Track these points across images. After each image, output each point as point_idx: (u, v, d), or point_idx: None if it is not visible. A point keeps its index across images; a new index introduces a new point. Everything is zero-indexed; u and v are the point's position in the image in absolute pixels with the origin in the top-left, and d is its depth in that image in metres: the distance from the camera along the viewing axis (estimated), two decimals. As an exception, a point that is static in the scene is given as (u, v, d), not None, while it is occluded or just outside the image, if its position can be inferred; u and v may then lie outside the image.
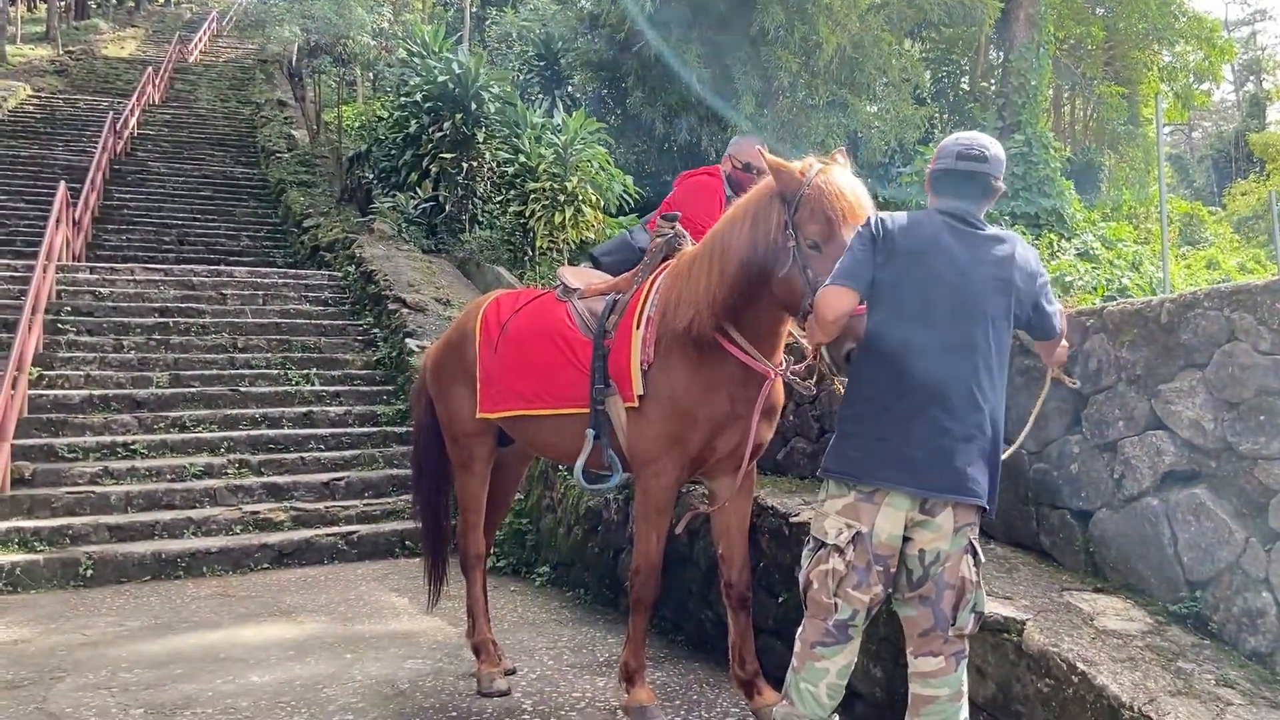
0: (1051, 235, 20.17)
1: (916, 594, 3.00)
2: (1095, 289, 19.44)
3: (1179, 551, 3.42)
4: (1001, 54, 24.91)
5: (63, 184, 12.45)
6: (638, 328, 4.00)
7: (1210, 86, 27.01)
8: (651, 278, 4.21)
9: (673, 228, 4.29)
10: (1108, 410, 3.72)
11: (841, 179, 3.40)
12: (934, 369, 2.93)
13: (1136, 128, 25.91)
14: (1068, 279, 18.88)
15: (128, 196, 17.92)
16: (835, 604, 2.99)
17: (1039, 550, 4.03)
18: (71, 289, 11.58)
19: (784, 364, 3.90)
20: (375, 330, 11.55)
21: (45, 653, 5.57)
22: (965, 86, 28.03)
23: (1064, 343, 3.30)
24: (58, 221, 11.61)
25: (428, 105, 14.09)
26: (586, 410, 4.15)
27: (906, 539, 2.98)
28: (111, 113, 19.87)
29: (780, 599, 4.58)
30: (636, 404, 3.98)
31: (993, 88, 25.53)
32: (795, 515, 4.53)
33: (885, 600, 3.05)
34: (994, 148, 3.06)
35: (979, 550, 3.04)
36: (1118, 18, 25.10)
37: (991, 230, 3.07)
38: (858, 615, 2.99)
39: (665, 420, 3.94)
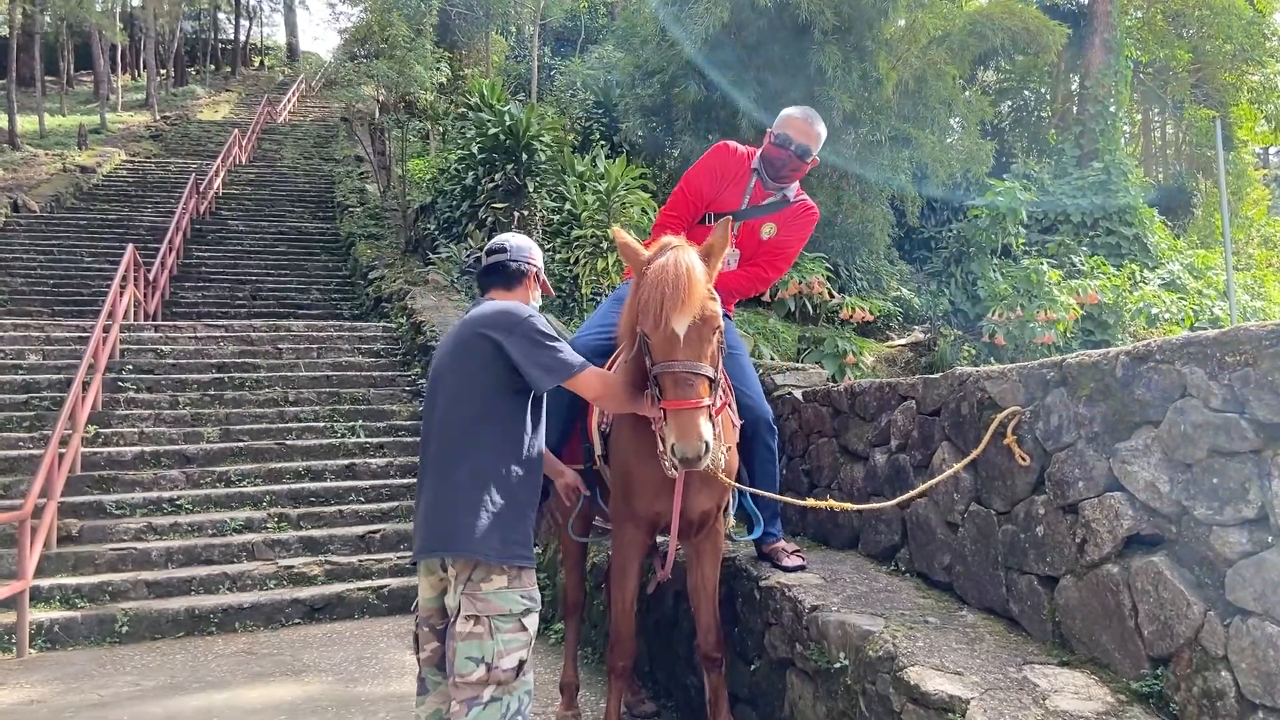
0: (1133, 266, 19.35)
1: None
2: (1183, 320, 18.54)
3: (1139, 624, 3.14)
4: (1078, 79, 24.27)
5: (130, 247, 12.94)
6: None
7: (1307, 106, 25.80)
8: None
9: None
10: (1068, 469, 3.47)
11: (674, 266, 3.25)
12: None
13: (1229, 151, 24.92)
14: (1153, 311, 18.06)
15: (206, 255, 18.60)
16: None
17: (1009, 618, 3.78)
18: (135, 347, 11.98)
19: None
20: (422, 381, 11.66)
21: (53, 713, 5.68)
22: (1045, 114, 27.36)
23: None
24: (123, 283, 12.05)
25: (481, 157, 14.33)
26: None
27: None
28: (194, 175, 20.70)
29: (752, 666, 4.38)
30: (597, 465, 4.14)
31: (1073, 113, 24.86)
32: (765, 579, 4.34)
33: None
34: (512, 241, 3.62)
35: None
36: (1203, 39, 24.26)
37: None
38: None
39: (616, 482, 4.01)
